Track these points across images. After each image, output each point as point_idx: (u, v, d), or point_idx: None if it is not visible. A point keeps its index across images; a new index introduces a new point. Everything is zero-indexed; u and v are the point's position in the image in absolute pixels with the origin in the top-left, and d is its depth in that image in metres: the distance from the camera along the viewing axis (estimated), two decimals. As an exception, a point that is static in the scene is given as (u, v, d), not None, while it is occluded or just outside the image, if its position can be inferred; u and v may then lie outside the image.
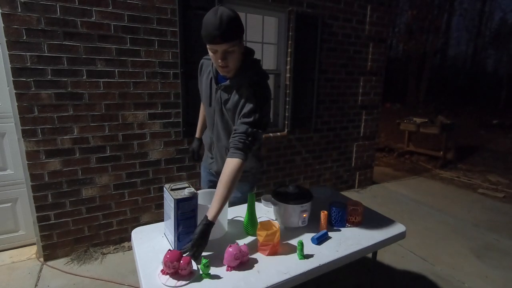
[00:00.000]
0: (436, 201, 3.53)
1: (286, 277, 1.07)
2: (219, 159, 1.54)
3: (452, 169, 4.90)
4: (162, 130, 2.44)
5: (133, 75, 2.26)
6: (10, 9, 1.83)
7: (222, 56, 1.19)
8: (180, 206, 1.13)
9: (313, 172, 3.43)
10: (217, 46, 1.17)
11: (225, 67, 1.24)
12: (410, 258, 2.37)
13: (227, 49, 1.18)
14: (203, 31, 1.17)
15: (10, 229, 2.29)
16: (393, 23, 16.94)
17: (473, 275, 2.21)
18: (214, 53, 1.21)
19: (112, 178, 2.32)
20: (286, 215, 1.37)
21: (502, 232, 2.85)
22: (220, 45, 1.16)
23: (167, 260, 1.01)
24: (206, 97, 1.44)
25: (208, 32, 1.14)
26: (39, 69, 1.96)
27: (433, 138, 6.22)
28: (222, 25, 1.12)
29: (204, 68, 1.46)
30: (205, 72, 1.44)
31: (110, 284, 1.99)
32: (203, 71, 1.46)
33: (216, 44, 1.16)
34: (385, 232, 1.41)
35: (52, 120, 2.05)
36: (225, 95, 1.34)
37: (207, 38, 1.16)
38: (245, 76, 1.30)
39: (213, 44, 1.17)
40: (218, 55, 1.20)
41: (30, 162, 2.03)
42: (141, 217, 2.50)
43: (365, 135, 3.73)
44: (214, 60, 1.25)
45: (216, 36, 1.13)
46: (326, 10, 3.05)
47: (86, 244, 2.32)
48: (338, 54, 3.26)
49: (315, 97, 3.18)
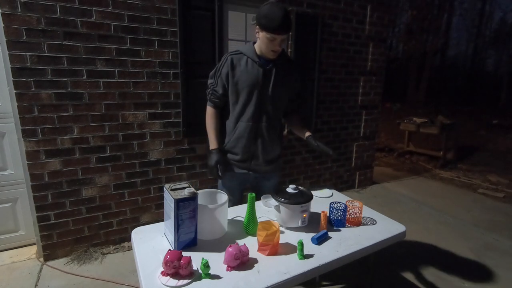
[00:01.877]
0: (436, 201, 3.53)
1: (286, 277, 1.07)
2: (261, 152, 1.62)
3: (452, 169, 4.90)
4: (162, 130, 2.44)
5: (133, 75, 2.26)
6: (10, 9, 1.83)
7: (280, 43, 1.45)
8: (180, 206, 1.13)
9: (313, 172, 3.42)
10: (279, 36, 1.41)
11: (277, 52, 1.49)
12: (410, 258, 2.37)
13: (284, 38, 1.44)
14: (267, 22, 1.38)
15: (10, 229, 2.29)
16: (393, 23, 16.93)
17: (473, 275, 2.21)
18: (272, 41, 1.43)
19: (112, 178, 2.32)
20: (286, 215, 1.37)
21: (502, 232, 2.85)
22: (282, 35, 1.41)
23: (167, 260, 1.01)
24: (252, 84, 1.53)
25: (275, 24, 1.37)
26: (39, 69, 1.96)
27: (433, 138, 6.22)
28: (286, 19, 1.38)
29: (235, 62, 1.55)
30: (239, 65, 1.54)
31: (110, 284, 1.99)
32: (234, 65, 1.55)
33: (280, 34, 1.40)
34: (385, 232, 1.41)
35: (52, 120, 2.05)
36: (280, 74, 1.56)
37: (273, 29, 1.38)
38: (286, 57, 1.61)
39: (276, 34, 1.40)
40: (277, 42, 1.44)
41: (30, 162, 2.03)
42: (141, 217, 2.50)
43: (365, 135, 3.73)
44: (268, 47, 1.46)
45: (281, 28, 1.38)
46: (326, 10, 3.05)
47: (86, 244, 2.32)
48: (338, 54, 3.26)
49: (315, 97, 3.18)
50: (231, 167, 1.68)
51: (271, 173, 1.74)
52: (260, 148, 1.62)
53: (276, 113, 1.63)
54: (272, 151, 1.67)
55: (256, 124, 1.58)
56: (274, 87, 1.55)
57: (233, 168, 1.68)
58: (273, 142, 1.65)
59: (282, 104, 1.65)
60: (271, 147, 1.65)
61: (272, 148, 1.66)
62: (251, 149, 1.62)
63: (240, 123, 1.59)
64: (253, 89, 1.53)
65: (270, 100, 1.57)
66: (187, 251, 1.18)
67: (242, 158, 1.64)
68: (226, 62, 1.55)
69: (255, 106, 1.55)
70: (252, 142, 1.61)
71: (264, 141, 1.62)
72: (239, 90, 1.55)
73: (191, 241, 1.21)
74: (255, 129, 1.59)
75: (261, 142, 1.62)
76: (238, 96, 1.56)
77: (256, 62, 1.52)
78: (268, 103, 1.57)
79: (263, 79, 1.53)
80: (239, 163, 1.66)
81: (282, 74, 1.56)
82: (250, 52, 1.54)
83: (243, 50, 1.57)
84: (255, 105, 1.55)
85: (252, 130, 1.59)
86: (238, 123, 1.59)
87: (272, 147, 1.66)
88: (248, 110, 1.56)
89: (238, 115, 1.59)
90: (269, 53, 1.49)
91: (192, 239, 1.21)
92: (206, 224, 1.26)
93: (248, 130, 1.59)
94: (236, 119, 1.60)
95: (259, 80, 1.53)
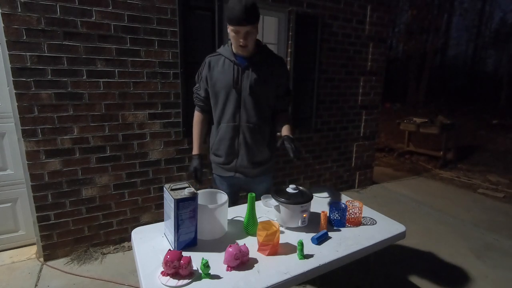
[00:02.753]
0: (436, 201, 3.53)
1: (286, 277, 1.07)
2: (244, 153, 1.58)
3: (452, 169, 4.90)
4: (162, 130, 2.44)
5: (133, 75, 2.26)
6: (10, 9, 1.83)
7: (244, 36, 1.39)
8: (180, 206, 1.13)
9: (313, 172, 3.42)
10: (241, 28, 1.36)
11: (245, 47, 1.43)
12: (410, 258, 2.37)
13: (249, 30, 1.38)
14: (229, 14, 1.35)
15: (10, 229, 2.29)
16: (393, 23, 16.94)
17: (473, 275, 2.21)
18: (236, 34, 1.39)
19: (112, 178, 2.32)
20: (286, 215, 1.37)
21: (502, 232, 2.85)
22: (244, 27, 1.36)
23: (167, 260, 1.01)
24: (229, 84, 1.50)
25: (235, 15, 1.33)
26: (39, 69, 1.96)
27: (433, 138, 6.22)
28: (247, 10, 1.32)
29: (213, 64, 1.54)
30: (216, 66, 1.53)
31: (110, 284, 1.99)
32: (212, 67, 1.54)
33: (241, 25, 1.35)
34: (385, 232, 1.41)
35: (52, 120, 2.05)
36: (258, 71, 1.50)
37: (234, 20, 1.34)
38: (267, 53, 1.56)
39: (238, 26, 1.36)
40: (241, 35, 1.39)
41: (30, 162, 2.03)
42: (141, 217, 2.50)
43: (365, 135, 3.73)
44: (235, 41, 1.42)
45: (242, 19, 1.33)
46: (326, 10, 3.05)
47: (86, 244, 2.32)
48: (338, 54, 3.26)
49: (315, 97, 3.18)
50: (219, 170, 1.68)
51: (262, 176, 1.69)
52: (244, 149, 1.58)
53: (258, 112, 1.55)
54: (259, 153, 1.61)
55: (236, 124, 1.55)
56: (252, 86, 1.50)
57: (219, 171, 1.68)
58: (258, 143, 1.59)
59: (265, 102, 1.57)
60: (256, 148, 1.59)
61: (257, 149, 1.60)
62: (233, 150, 1.59)
63: (221, 125, 1.57)
64: (229, 89, 1.50)
65: (248, 99, 1.51)
66: (187, 251, 1.18)
67: (225, 160, 1.62)
68: (205, 65, 1.55)
69: (234, 106, 1.52)
70: (233, 143, 1.58)
71: (246, 142, 1.57)
72: (217, 91, 1.53)
73: (191, 241, 1.21)
74: (235, 130, 1.55)
75: (244, 143, 1.57)
76: (217, 97, 1.55)
77: (232, 61, 1.50)
78: (247, 102, 1.52)
79: (239, 78, 1.49)
80: (224, 165, 1.65)
81: (262, 71, 1.51)
82: (226, 52, 1.52)
83: (221, 51, 1.55)
84: (233, 105, 1.52)
85: (232, 131, 1.55)
86: (220, 125, 1.58)
87: (258, 148, 1.60)
88: (227, 111, 1.54)
89: (219, 117, 1.57)
90: (238, 48, 1.44)
91: (192, 239, 1.21)
92: (206, 224, 1.26)
93: (229, 131, 1.56)
94: (218, 121, 1.59)
95: (235, 79, 1.49)
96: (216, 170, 1.70)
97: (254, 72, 1.50)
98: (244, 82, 1.50)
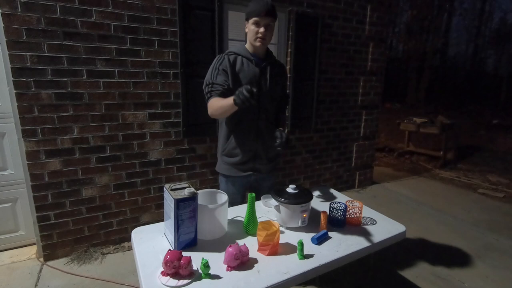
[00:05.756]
0: (436, 201, 3.53)
1: (286, 277, 1.07)
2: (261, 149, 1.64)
3: (452, 169, 4.90)
4: (162, 130, 2.44)
5: (133, 75, 2.26)
6: (10, 9, 1.83)
7: (265, 27, 1.46)
8: (180, 206, 1.13)
9: (313, 172, 3.42)
10: (264, 19, 1.44)
11: (263, 39, 1.48)
12: (410, 258, 2.37)
13: (269, 22, 1.46)
14: (253, 6, 1.44)
15: (10, 229, 2.29)
16: (393, 23, 16.94)
17: (473, 275, 2.21)
18: (256, 26, 1.46)
19: (112, 178, 2.32)
20: (286, 215, 1.37)
21: (502, 232, 2.85)
22: (266, 18, 1.44)
23: (167, 260, 1.01)
24: (251, 82, 1.53)
25: (260, 6, 1.42)
26: (39, 69, 1.96)
27: (433, 138, 6.23)
28: (271, 6, 1.44)
29: (233, 61, 1.53)
30: (236, 64, 1.54)
31: (110, 284, 1.99)
32: (233, 63, 1.53)
33: (265, 16, 1.43)
34: (385, 232, 1.41)
35: (52, 120, 2.05)
36: (272, 71, 1.60)
37: (257, 11, 1.43)
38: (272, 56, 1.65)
39: (260, 17, 1.43)
40: (261, 26, 1.45)
41: (30, 162, 2.03)
42: (141, 217, 2.50)
43: (365, 135, 3.73)
44: (254, 34, 1.48)
45: (266, 10, 1.42)
46: (326, 10, 3.05)
47: (86, 244, 2.32)
48: (338, 54, 3.26)
49: (315, 97, 3.18)
50: (233, 171, 1.66)
51: (272, 171, 1.77)
52: (262, 146, 1.64)
53: (272, 110, 1.67)
54: (272, 149, 1.68)
55: (256, 122, 1.60)
56: (270, 84, 1.59)
57: (234, 172, 1.66)
58: (272, 139, 1.62)
59: (276, 101, 1.69)
60: (270, 144, 1.64)
61: (271, 145, 1.63)
62: (253, 148, 1.62)
63: (241, 122, 1.58)
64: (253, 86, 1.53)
65: (267, 97, 1.60)
66: (187, 251, 1.18)
67: (243, 158, 1.63)
68: (223, 60, 1.52)
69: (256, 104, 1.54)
70: (254, 141, 1.61)
71: (264, 139, 1.63)
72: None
73: (191, 241, 1.21)
74: (256, 127, 1.60)
75: (262, 140, 1.63)
76: None
77: (251, 60, 1.55)
78: (266, 100, 1.60)
79: (260, 76, 1.56)
80: (241, 165, 1.64)
81: (274, 72, 1.62)
82: (243, 51, 1.56)
83: (236, 50, 1.57)
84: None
85: (254, 128, 1.60)
86: (238, 123, 1.58)
87: (271, 144, 1.63)
88: (249, 108, 1.51)
89: (240, 114, 1.55)
90: (256, 40, 1.49)
91: (192, 239, 1.21)
92: (206, 224, 1.26)
93: (250, 128, 1.59)
94: (237, 119, 1.57)
95: (257, 78, 1.55)
96: (230, 171, 1.67)
97: (271, 71, 1.59)
98: (264, 81, 1.58)
